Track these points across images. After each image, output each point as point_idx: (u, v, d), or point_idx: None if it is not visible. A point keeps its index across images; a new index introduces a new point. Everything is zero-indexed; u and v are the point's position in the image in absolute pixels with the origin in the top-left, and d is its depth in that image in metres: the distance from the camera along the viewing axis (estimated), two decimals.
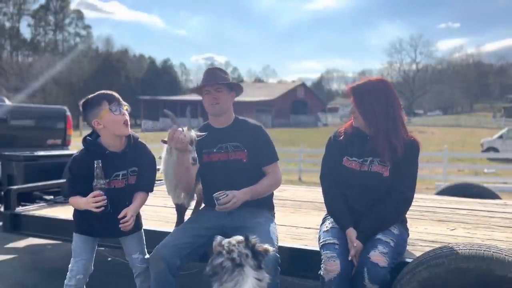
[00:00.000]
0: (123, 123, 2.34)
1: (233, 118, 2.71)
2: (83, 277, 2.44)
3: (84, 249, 2.47)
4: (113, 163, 2.36)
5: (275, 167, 2.67)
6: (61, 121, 5.97)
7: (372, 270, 2.00)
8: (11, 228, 3.57)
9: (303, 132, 31.94)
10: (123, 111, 2.36)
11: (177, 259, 2.30)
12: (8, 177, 4.43)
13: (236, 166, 2.55)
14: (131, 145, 2.44)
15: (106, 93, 2.37)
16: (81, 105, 2.37)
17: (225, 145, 2.61)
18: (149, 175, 2.52)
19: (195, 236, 2.42)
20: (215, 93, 2.57)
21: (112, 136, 2.37)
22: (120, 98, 2.38)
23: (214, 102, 2.58)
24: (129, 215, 2.29)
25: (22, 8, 63.28)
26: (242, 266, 1.74)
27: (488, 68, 76.18)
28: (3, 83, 40.53)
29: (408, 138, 2.31)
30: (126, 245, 2.58)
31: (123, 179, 2.40)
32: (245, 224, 2.42)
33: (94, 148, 2.37)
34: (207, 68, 2.73)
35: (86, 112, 2.35)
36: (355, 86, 2.36)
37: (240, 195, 2.41)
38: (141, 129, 41.57)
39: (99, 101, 2.32)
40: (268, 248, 1.83)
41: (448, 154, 11.72)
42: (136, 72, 64.85)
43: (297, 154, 13.83)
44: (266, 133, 2.70)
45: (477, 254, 1.82)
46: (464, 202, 4.03)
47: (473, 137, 26.38)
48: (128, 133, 2.40)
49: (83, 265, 2.44)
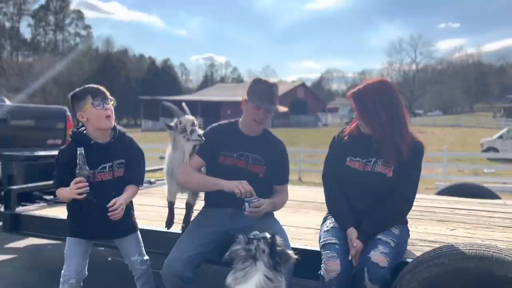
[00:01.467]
0: (105, 117, 2.37)
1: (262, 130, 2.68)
2: (76, 282, 2.39)
3: (76, 252, 2.44)
4: (98, 154, 2.38)
5: (286, 187, 2.71)
6: (61, 121, 5.96)
7: (373, 270, 2.00)
8: (11, 228, 3.57)
9: (303, 132, 31.93)
10: (107, 106, 2.38)
11: (189, 272, 2.30)
12: (8, 177, 4.43)
13: (251, 178, 2.46)
14: (116, 137, 2.47)
15: (91, 87, 2.41)
16: (69, 97, 2.43)
17: (246, 154, 2.57)
18: (137, 168, 2.53)
19: (202, 246, 2.41)
20: (263, 115, 2.51)
21: (95, 129, 2.41)
22: (106, 93, 2.41)
23: (260, 121, 2.54)
24: (118, 203, 2.31)
25: (22, 8, 63.30)
26: (255, 260, 1.75)
27: (488, 68, 76.23)
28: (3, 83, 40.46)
29: (413, 140, 2.30)
30: (123, 248, 2.56)
31: (109, 171, 2.42)
32: (251, 223, 2.42)
33: (80, 138, 2.40)
34: (263, 81, 2.56)
35: (73, 105, 2.41)
36: (357, 92, 2.33)
37: (267, 204, 2.41)
38: (141, 129, 41.61)
39: (84, 95, 2.37)
40: (290, 254, 1.82)
41: (448, 154, 11.73)
42: (136, 72, 64.81)
43: (297, 154, 13.81)
44: (287, 153, 2.72)
45: (477, 254, 1.82)
46: (464, 202, 4.03)
47: (473, 137, 26.37)
48: (111, 126, 2.43)
49: (74, 269, 2.40)
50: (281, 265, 1.78)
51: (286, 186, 2.72)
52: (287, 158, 2.72)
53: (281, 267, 1.78)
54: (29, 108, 6.41)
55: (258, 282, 1.70)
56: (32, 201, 4.11)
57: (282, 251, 1.80)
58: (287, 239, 2.41)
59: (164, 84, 61.44)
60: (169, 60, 76.04)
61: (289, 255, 1.81)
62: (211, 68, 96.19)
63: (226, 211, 2.55)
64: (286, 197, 2.69)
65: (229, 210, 2.53)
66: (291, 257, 1.81)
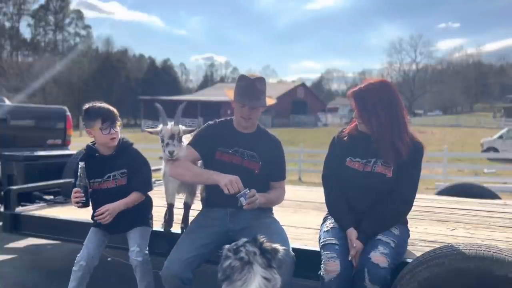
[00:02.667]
0: (110, 139, 2.65)
1: (256, 126, 2.69)
2: (85, 265, 2.57)
3: (91, 240, 2.68)
4: (103, 165, 2.69)
5: (282, 184, 2.71)
6: (61, 121, 5.96)
7: (373, 270, 2.00)
8: (11, 228, 3.57)
9: (303, 132, 31.93)
10: (113, 131, 2.64)
11: (189, 273, 2.31)
12: (8, 177, 4.43)
13: (247, 175, 2.48)
14: (119, 149, 2.73)
15: (103, 111, 2.64)
16: (83, 109, 2.66)
17: (241, 150, 2.58)
18: (140, 176, 2.74)
19: (202, 247, 2.41)
20: (249, 111, 2.52)
21: (100, 145, 2.72)
22: (115, 117, 2.66)
23: (247, 117, 2.55)
24: (104, 209, 2.55)
25: (22, 8, 63.25)
26: (251, 264, 1.73)
27: (488, 68, 76.20)
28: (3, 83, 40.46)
29: (412, 141, 2.30)
30: (129, 240, 2.68)
31: (113, 180, 2.71)
32: (251, 224, 2.43)
33: (88, 151, 2.74)
34: (246, 77, 2.55)
35: (85, 119, 2.67)
36: (357, 91, 2.34)
37: (260, 196, 2.41)
38: (141, 129, 41.60)
39: (94, 117, 2.62)
40: (277, 247, 1.81)
41: (448, 154, 11.72)
42: (136, 72, 64.80)
43: (297, 154, 13.81)
44: (283, 150, 2.73)
45: (477, 254, 1.82)
46: (464, 202, 4.03)
47: (473, 137, 26.37)
48: (114, 145, 2.70)
49: (87, 253, 2.60)
50: (272, 260, 1.78)
51: (282, 183, 2.71)
52: (282, 155, 2.71)
53: (272, 262, 1.78)
54: (29, 108, 6.41)
55: (258, 285, 1.70)
56: (32, 201, 4.11)
57: (270, 247, 1.80)
58: (286, 239, 2.41)
59: (164, 84, 61.42)
60: (169, 60, 76.13)
61: (277, 249, 1.81)
62: (211, 68, 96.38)
63: (226, 211, 2.54)
64: (282, 193, 2.69)
65: (229, 210, 2.53)
66: (279, 249, 1.82)
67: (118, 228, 2.71)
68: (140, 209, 2.78)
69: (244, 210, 2.39)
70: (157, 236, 2.86)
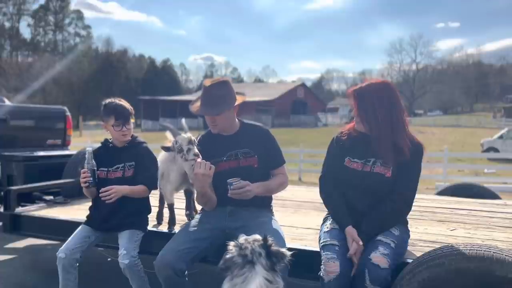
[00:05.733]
0: (121, 135, 2.79)
1: (239, 124, 2.68)
2: (64, 257, 2.58)
3: (75, 233, 2.73)
4: (113, 155, 2.83)
5: (283, 169, 2.70)
6: (61, 121, 5.95)
7: (373, 271, 1.99)
8: (11, 229, 3.57)
9: (303, 132, 31.94)
10: (125, 128, 2.77)
11: (182, 264, 2.30)
12: (8, 177, 4.43)
13: (247, 172, 2.50)
14: (131, 144, 2.86)
15: (118, 108, 2.78)
16: (102, 104, 2.84)
17: (234, 152, 2.58)
18: (147, 172, 2.78)
19: (198, 240, 2.42)
20: (211, 119, 2.55)
21: (113, 139, 2.87)
22: (130, 114, 2.81)
23: (212, 124, 2.58)
24: (111, 187, 2.62)
25: (22, 8, 63.36)
26: (253, 264, 1.73)
27: (488, 68, 76.15)
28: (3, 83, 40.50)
29: (412, 141, 2.30)
30: (119, 242, 2.68)
31: (121, 170, 2.79)
32: (248, 223, 2.43)
33: (104, 142, 2.92)
34: (204, 86, 2.60)
35: (102, 113, 2.83)
36: (357, 89, 2.34)
37: (253, 186, 2.41)
38: (141, 129, 41.59)
39: (109, 113, 2.76)
40: (284, 252, 1.81)
41: (448, 154, 11.73)
42: (136, 72, 64.86)
43: (297, 154, 13.82)
44: (273, 136, 2.71)
45: (477, 254, 1.82)
46: (464, 202, 4.03)
47: (473, 137, 26.38)
48: (126, 141, 2.84)
49: (66, 246, 2.64)
50: (277, 264, 1.78)
51: (282, 168, 2.69)
52: (274, 141, 2.70)
53: (277, 266, 1.78)
54: (29, 108, 6.39)
55: (259, 285, 1.69)
56: (32, 201, 4.11)
57: (277, 251, 1.79)
58: (283, 238, 2.40)
59: (164, 84, 61.48)
60: (169, 60, 76.24)
61: (284, 254, 1.80)
62: (210, 68, 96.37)
63: (225, 209, 2.56)
64: (284, 178, 2.67)
65: (228, 208, 2.55)
66: (286, 255, 1.81)
67: (108, 223, 2.73)
68: (134, 210, 2.79)
69: (243, 209, 2.45)
70: (157, 236, 2.86)
